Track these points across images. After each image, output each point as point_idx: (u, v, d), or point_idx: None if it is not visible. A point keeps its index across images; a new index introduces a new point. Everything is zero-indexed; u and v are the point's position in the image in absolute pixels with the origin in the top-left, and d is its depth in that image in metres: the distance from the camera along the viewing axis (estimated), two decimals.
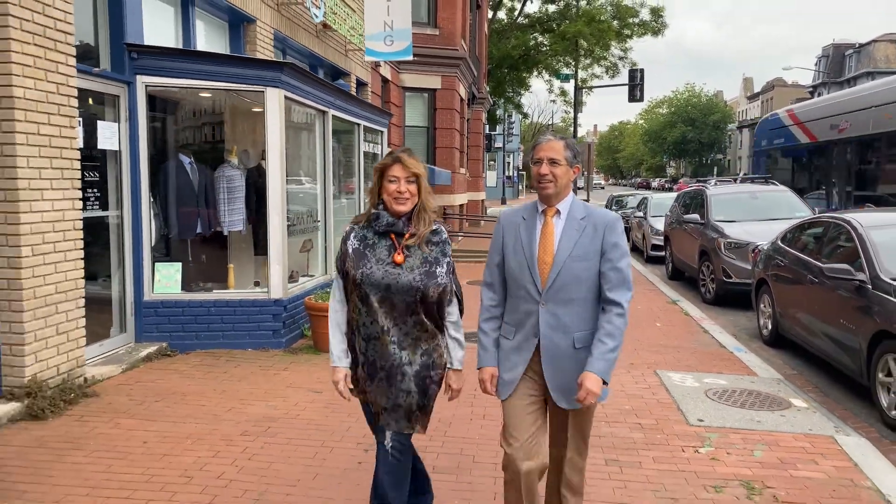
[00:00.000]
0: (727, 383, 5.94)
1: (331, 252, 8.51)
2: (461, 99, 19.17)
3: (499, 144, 46.02)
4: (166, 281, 6.72)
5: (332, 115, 8.52)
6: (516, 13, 32.60)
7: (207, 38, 8.16)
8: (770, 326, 7.77)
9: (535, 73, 32.99)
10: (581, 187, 28.96)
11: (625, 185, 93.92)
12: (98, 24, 6.22)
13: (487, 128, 32.79)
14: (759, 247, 8.74)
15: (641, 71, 27.79)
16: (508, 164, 52.55)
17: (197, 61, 6.65)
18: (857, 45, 58.55)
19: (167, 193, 7.03)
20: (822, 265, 6.44)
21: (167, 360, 6.35)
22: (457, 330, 3.00)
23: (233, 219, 7.35)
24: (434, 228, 2.97)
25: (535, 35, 31.71)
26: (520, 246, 2.89)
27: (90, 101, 6.01)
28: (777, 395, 5.64)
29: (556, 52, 30.69)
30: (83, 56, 5.73)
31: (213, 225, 7.33)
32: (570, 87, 33.58)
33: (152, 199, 6.76)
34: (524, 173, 58.28)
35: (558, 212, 2.89)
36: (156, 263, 6.74)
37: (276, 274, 6.87)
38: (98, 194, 6.11)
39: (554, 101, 63.51)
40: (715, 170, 76.66)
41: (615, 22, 30.09)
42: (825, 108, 14.00)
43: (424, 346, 2.92)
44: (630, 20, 30.49)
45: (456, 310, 3.00)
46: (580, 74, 31.61)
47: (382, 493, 2.90)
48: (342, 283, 2.99)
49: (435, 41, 17.04)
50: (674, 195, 15.80)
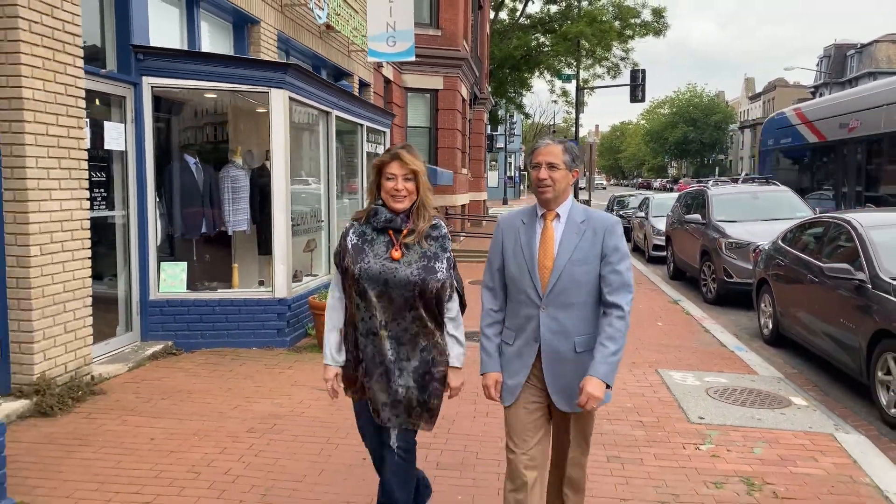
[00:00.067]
0: (728, 382, 5.99)
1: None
2: (463, 99, 19.23)
3: (500, 145, 46.14)
4: (172, 280, 6.78)
5: (335, 116, 8.59)
6: (518, 13, 32.71)
7: (212, 39, 8.22)
8: (771, 326, 7.82)
9: (537, 74, 33.08)
10: (583, 188, 28.99)
11: (626, 186, 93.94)
12: (104, 26, 6.28)
13: (489, 128, 32.85)
14: (760, 247, 8.77)
15: (643, 71, 27.83)
16: (510, 164, 52.59)
17: (202, 62, 6.71)
18: (858, 46, 58.55)
19: (173, 193, 7.10)
20: (823, 265, 6.48)
21: (173, 359, 6.41)
22: (456, 327, 2.96)
23: (237, 219, 7.41)
24: (433, 224, 2.94)
25: (536, 35, 31.80)
26: (519, 250, 2.87)
27: (97, 101, 6.07)
28: (777, 393, 5.69)
29: (557, 53, 30.78)
30: (90, 57, 5.79)
31: (217, 225, 7.39)
32: (571, 87, 33.71)
33: (158, 199, 6.82)
34: (526, 173, 58.31)
35: (558, 215, 2.87)
36: (161, 263, 6.80)
37: (280, 273, 6.92)
38: (105, 194, 6.17)
39: (555, 102, 63.27)
40: (717, 170, 76.67)
41: (617, 22, 30.17)
42: (834, 107, 13.57)
43: (424, 342, 2.90)
44: (632, 21, 30.58)
45: (456, 306, 2.96)
46: (582, 75, 31.67)
47: (389, 491, 2.92)
48: (341, 279, 2.97)
49: (437, 42, 17.09)
50: (675, 195, 15.80)
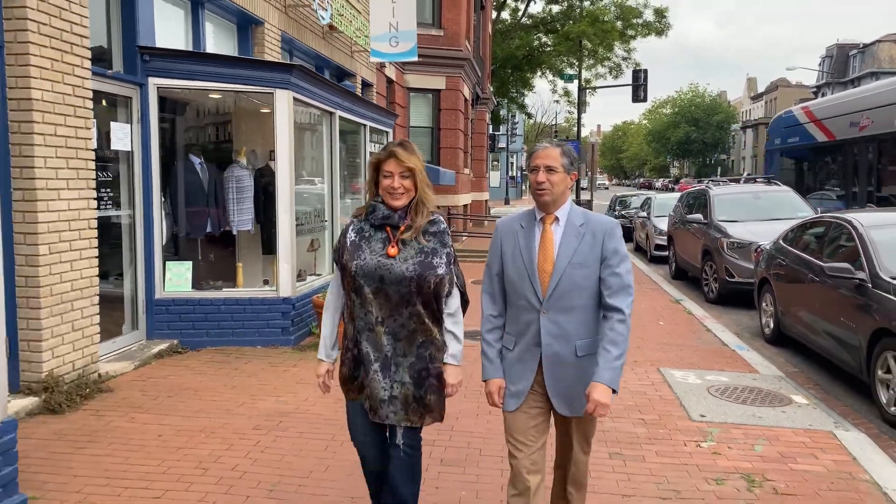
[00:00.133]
0: (729, 380, 6.03)
1: None
2: (465, 99, 19.27)
3: (502, 145, 46.20)
4: (177, 279, 6.84)
5: (338, 116, 8.64)
6: (520, 13, 32.74)
7: (216, 39, 8.28)
8: (772, 325, 7.86)
9: (539, 74, 33.12)
10: (585, 188, 29.03)
11: (628, 186, 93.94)
12: (111, 27, 6.34)
13: (491, 128, 32.91)
14: (762, 246, 8.81)
15: (645, 71, 27.83)
16: (512, 164, 52.64)
17: (208, 63, 6.77)
18: (861, 46, 58.51)
19: (178, 193, 7.16)
20: (823, 264, 6.52)
21: (178, 357, 6.47)
22: (455, 323, 2.92)
23: (242, 218, 7.47)
24: (431, 219, 2.91)
25: (538, 35, 31.82)
26: (518, 254, 2.85)
27: (103, 102, 6.13)
28: (778, 391, 5.73)
29: (559, 53, 30.82)
30: (97, 58, 5.84)
31: (222, 224, 7.45)
32: (573, 87, 33.66)
33: (163, 198, 6.88)
34: (527, 173, 58.34)
35: (557, 219, 2.85)
36: (167, 262, 6.86)
37: (284, 273, 6.98)
38: (111, 194, 6.23)
39: (557, 102, 63.52)
40: (718, 170, 76.64)
41: (619, 22, 30.18)
42: (844, 105, 13.26)
43: (421, 338, 2.87)
44: (634, 20, 30.58)
45: (455, 302, 2.93)
46: (584, 75, 31.68)
47: (394, 487, 2.93)
48: (340, 276, 2.95)
49: (439, 42, 17.14)
50: (677, 195, 15.82)
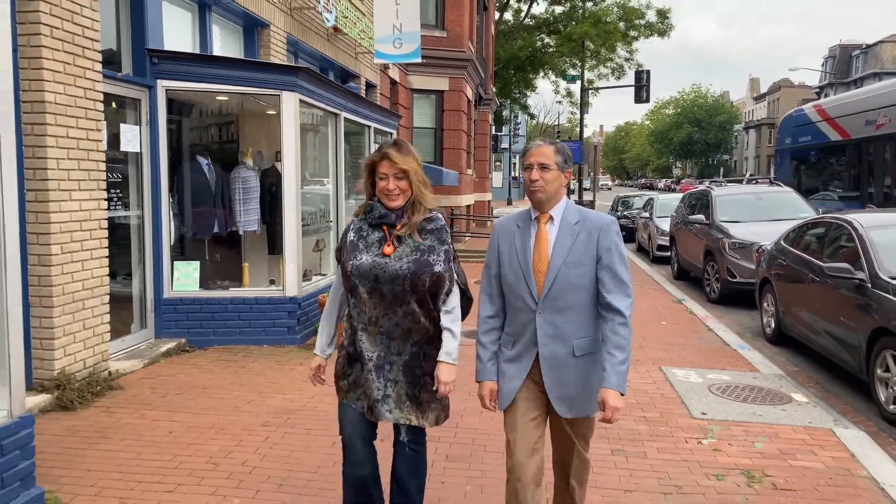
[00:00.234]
0: (730, 379, 6.10)
1: None
2: (468, 100, 19.35)
3: (505, 145, 46.27)
4: (185, 279, 6.93)
5: (343, 118, 8.72)
6: (523, 14, 32.81)
7: (223, 42, 8.37)
8: (773, 325, 7.92)
9: (542, 75, 33.21)
10: (587, 188, 29.09)
11: (631, 186, 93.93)
12: (120, 30, 6.43)
13: (494, 129, 33.00)
14: (763, 247, 8.88)
15: (647, 72, 27.88)
16: (514, 164, 52.72)
17: (215, 66, 6.85)
18: (864, 46, 58.47)
19: (186, 194, 7.24)
20: (824, 264, 6.59)
21: (186, 356, 6.56)
22: (452, 320, 2.88)
23: (248, 219, 7.55)
24: (429, 216, 2.89)
25: (541, 36, 31.93)
26: (514, 255, 2.82)
27: (113, 104, 6.22)
28: (779, 390, 5.80)
29: (562, 54, 30.91)
30: (107, 61, 5.93)
31: (229, 225, 7.53)
32: (576, 88, 33.81)
33: (171, 199, 6.97)
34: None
35: (551, 218, 2.82)
36: (175, 262, 6.95)
37: (291, 272, 7.06)
38: (120, 195, 6.32)
39: (560, 102, 63.67)
40: (721, 171, 76.67)
41: (621, 23, 30.27)
42: (859, 103, 12.83)
43: (416, 337, 2.87)
44: (636, 21, 30.68)
45: (455, 300, 2.90)
46: (586, 75, 31.77)
47: (401, 481, 3.02)
48: (341, 274, 2.96)
49: (443, 43, 17.23)
50: (679, 196, 15.87)
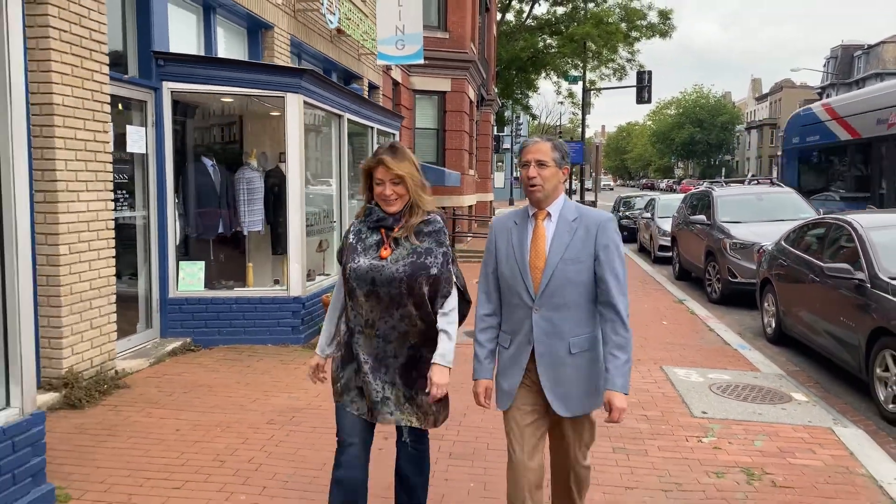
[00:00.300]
0: (731, 378, 6.15)
1: None
2: (470, 101, 19.41)
3: (507, 146, 46.29)
4: (190, 279, 6.99)
5: (347, 119, 8.79)
6: (524, 15, 32.90)
7: (227, 44, 8.44)
8: (774, 325, 7.97)
9: (543, 75, 33.29)
10: (589, 188, 29.16)
11: (633, 186, 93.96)
12: (126, 33, 6.49)
13: (496, 129, 33.06)
14: (764, 247, 8.92)
15: (649, 73, 27.94)
16: (516, 165, 52.71)
17: (221, 68, 6.92)
18: (865, 47, 58.45)
19: (191, 195, 7.30)
20: (824, 265, 6.64)
21: (192, 355, 6.62)
22: (448, 323, 2.85)
23: (252, 219, 7.62)
24: (426, 219, 2.88)
25: (543, 37, 32.01)
26: (511, 251, 2.82)
27: (119, 106, 6.29)
28: (779, 389, 5.85)
29: (563, 54, 30.99)
30: (114, 63, 5.99)
31: (233, 225, 7.59)
32: (577, 88, 33.85)
33: (177, 200, 7.04)
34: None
35: (549, 214, 2.81)
36: (180, 262, 7.01)
37: (295, 272, 7.13)
38: (126, 196, 6.39)
39: (562, 103, 63.68)
40: (723, 171, 76.67)
41: (623, 24, 30.34)
42: (870, 101, 12.53)
43: (413, 340, 2.86)
44: (638, 22, 30.76)
45: (452, 303, 2.87)
46: (588, 76, 31.82)
47: (405, 478, 3.11)
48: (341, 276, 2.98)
49: (445, 45, 17.29)
50: (681, 196, 15.91)
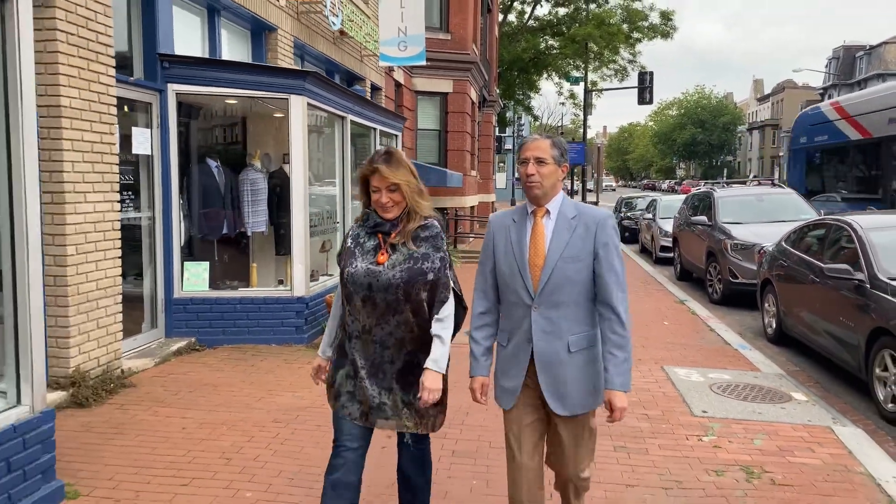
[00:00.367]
0: (731, 378, 6.20)
1: None
2: (472, 102, 19.47)
3: (508, 146, 46.33)
4: (195, 279, 7.05)
5: (350, 121, 8.84)
6: (526, 16, 32.94)
7: (231, 46, 8.50)
8: (774, 325, 8.01)
9: (545, 76, 33.34)
10: (591, 189, 29.22)
11: (634, 187, 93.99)
12: (132, 35, 6.55)
13: (497, 130, 33.09)
14: (765, 248, 8.96)
15: (651, 74, 27.99)
16: (517, 165, 52.70)
17: (225, 70, 6.98)
18: (867, 47, 58.48)
19: (196, 196, 7.36)
20: (824, 265, 6.68)
21: (196, 354, 6.68)
22: (443, 328, 2.83)
23: (256, 220, 7.67)
24: (423, 224, 2.87)
25: (544, 38, 32.05)
26: (510, 249, 2.80)
27: (125, 108, 6.35)
28: (779, 389, 5.89)
29: (565, 55, 31.04)
30: (119, 66, 6.05)
31: (237, 226, 7.65)
32: (579, 89, 33.87)
33: (181, 201, 7.09)
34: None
35: (548, 212, 2.80)
36: (185, 262, 7.07)
37: (298, 273, 7.18)
38: (132, 197, 6.44)
39: (563, 104, 63.51)
40: (725, 171, 76.72)
41: (625, 25, 30.37)
42: (881, 100, 12.02)
43: (410, 347, 2.86)
44: (640, 23, 30.79)
45: (449, 308, 2.85)
46: (590, 77, 31.86)
47: (408, 477, 3.15)
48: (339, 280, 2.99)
49: (447, 46, 17.35)
50: (682, 197, 15.94)
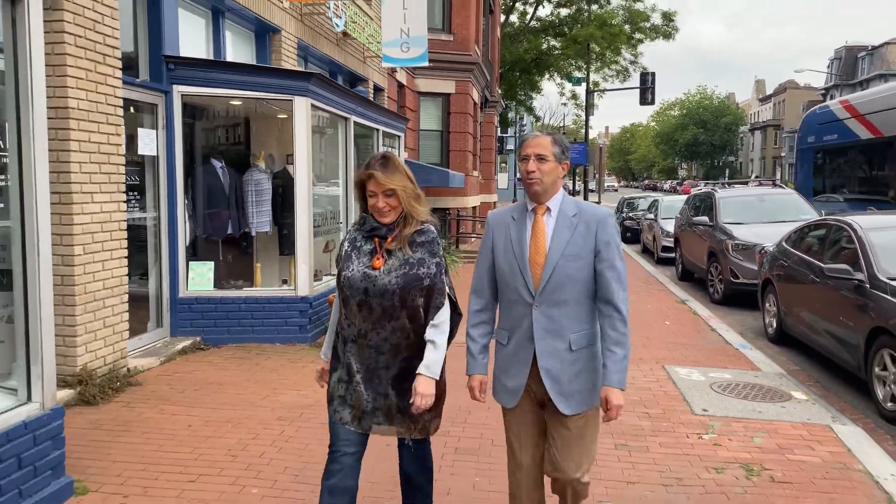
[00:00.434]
0: (732, 377, 6.25)
1: None
2: (474, 103, 19.51)
3: (510, 147, 46.36)
4: (200, 279, 7.11)
5: (353, 122, 8.90)
6: (528, 17, 32.97)
7: (235, 47, 8.56)
8: (775, 325, 8.05)
9: (547, 77, 33.32)
10: (593, 189, 29.24)
11: (636, 188, 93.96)
12: (138, 37, 6.62)
13: (499, 130, 33.13)
14: (766, 248, 9.00)
15: (652, 74, 28.05)
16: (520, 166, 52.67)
17: (230, 72, 7.04)
18: (869, 48, 58.48)
19: (201, 196, 7.42)
20: (824, 266, 6.73)
21: (201, 353, 6.74)
22: (437, 333, 2.80)
23: (261, 220, 7.73)
24: (420, 229, 2.84)
25: (546, 39, 32.07)
26: (510, 247, 2.78)
27: (131, 109, 6.41)
28: (779, 388, 5.94)
29: (567, 56, 31.05)
30: (125, 67, 6.10)
31: (242, 226, 7.71)
32: (581, 90, 33.93)
33: (186, 201, 7.15)
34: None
35: (549, 209, 2.77)
36: (190, 262, 7.13)
37: (302, 273, 7.24)
38: (138, 197, 6.51)
39: (565, 104, 63.66)
40: (727, 172, 76.72)
41: (627, 26, 30.40)
42: (893, 98, 11.77)
43: (406, 353, 2.84)
44: (642, 24, 30.80)
45: (444, 314, 2.83)
46: (592, 77, 31.90)
47: (409, 476, 3.20)
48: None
49: (449, 47, 17.39)
50: (684, 198, 15.97)
